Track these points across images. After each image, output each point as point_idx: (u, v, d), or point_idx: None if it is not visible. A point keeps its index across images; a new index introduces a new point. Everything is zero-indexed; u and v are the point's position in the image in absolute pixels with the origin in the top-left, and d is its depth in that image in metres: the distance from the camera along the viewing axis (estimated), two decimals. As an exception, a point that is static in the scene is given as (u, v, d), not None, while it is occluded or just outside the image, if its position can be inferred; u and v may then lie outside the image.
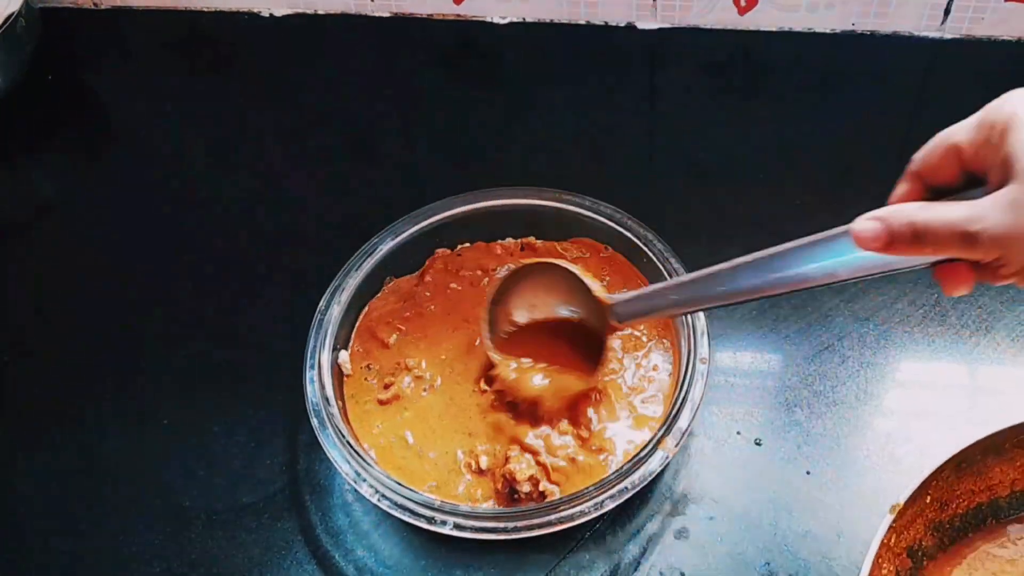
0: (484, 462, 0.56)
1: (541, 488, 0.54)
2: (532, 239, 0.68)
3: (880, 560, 0.46)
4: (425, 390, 0.60)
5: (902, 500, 0.47)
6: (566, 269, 0.56)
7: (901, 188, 0.43)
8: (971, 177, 0.39)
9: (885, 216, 0.40)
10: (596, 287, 0.55)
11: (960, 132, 0.41)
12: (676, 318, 0.59)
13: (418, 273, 0.66)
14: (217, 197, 0.79)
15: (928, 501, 0.49)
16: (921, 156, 0.42)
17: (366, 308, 0.64)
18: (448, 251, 0.67)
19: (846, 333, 0.64)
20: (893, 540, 0.48)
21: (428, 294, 0.64)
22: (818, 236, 0.44)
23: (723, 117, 0.80)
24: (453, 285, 0.65)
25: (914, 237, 0.39)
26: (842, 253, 0.43)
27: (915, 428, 0.59)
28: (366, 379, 0.61)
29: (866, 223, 0.41)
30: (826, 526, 0.55)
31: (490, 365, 0.58)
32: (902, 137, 0.77)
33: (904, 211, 0.39)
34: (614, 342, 0.61)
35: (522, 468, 0.54)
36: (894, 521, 0.47)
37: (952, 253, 0.38)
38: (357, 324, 0.63)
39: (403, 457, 0.57)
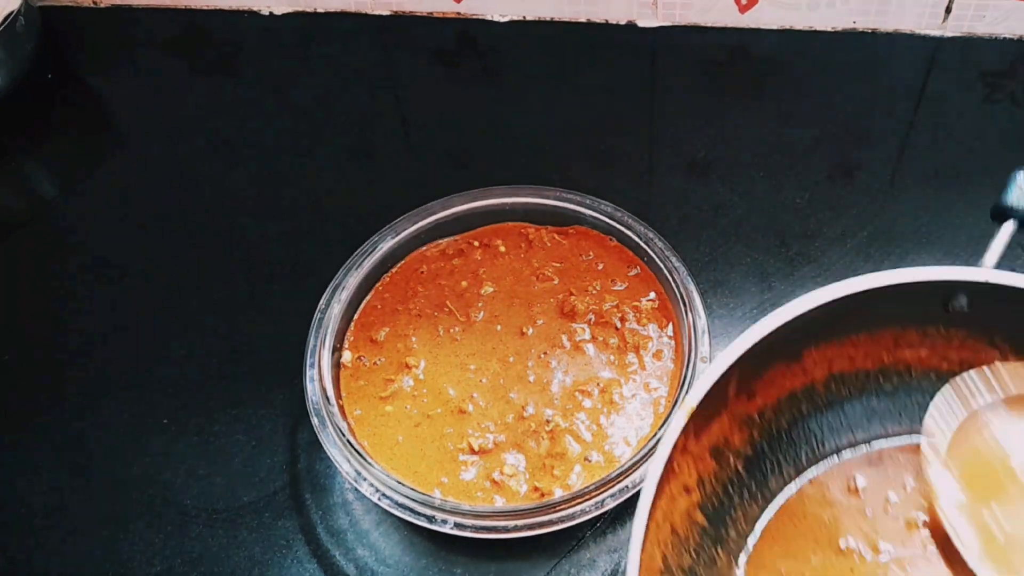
0: (476, 444, 0.56)
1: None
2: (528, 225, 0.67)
3: (675, 464, 0.40)
4: (425, 389, 0.60)
5: (695, 402, 0.41)
6: None
7: None
8: None
9: None
10: None
11: None
12: (674, 307, 0.60)
13: (402, 269, 0.66)
14: (217, 196, 0.79)
15: (731, 392, 0.43)
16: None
17: (362, 306, 0.64)
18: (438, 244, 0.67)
19: (847, 332, 0.64)
20: (691, 443, 0.42)
21: (421, 289, 0.64)
22: None
23: (724, 115, 0.80)
24: (443, 282, 0.65)
25: None
26: None
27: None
28: (366, 378, 0.61)
29: None
30: (827, 525, 0.55)
31: None
32: (903, 136, 0.77)
33: None
34: (611, 339, 0.61)
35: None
36: (688, 420, 0.40)
37: None
38: (353, 322, 0.63)
39: (404, 455, 0.57)
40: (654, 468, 0.39)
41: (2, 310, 0.73)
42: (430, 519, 0.52)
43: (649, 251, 0.62)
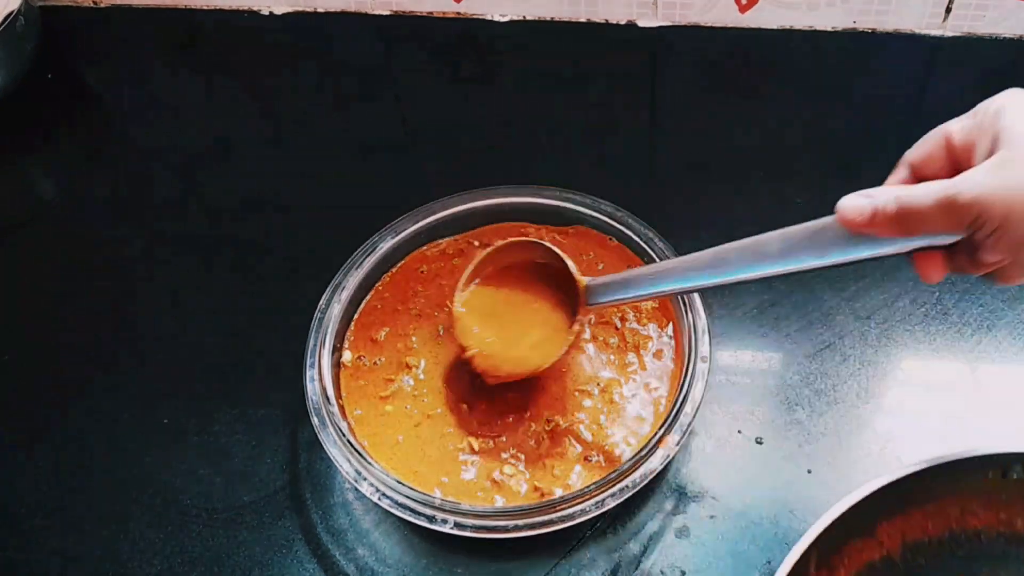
0: (476, 444, 0.56)
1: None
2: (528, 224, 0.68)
3: None
4: (425, 389, 0.60)
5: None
6: (545, 247, 0.57)
7: (893, 177, 0.44)
8: (960, 171, 0.39)
9: (871, 192, 0.41)
10: (573, 266, 0.56)
11: (953, 123, 0.42)
12: (674, 307, 0.60)
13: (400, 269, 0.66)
14: (217, 195, 0.79)
15: (811, 570, 0.48)
16: (915, 147, 0.43)
17: (362, 306, 0.64)
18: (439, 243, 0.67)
19: (847, 331, 0.64)
20: None
21: (421, 288, 0.64)
22: (806, 224, 0.45)
23: (724, 115, 0.80)
24: (443, 282, 0.65)
25: (898, 214, 0.39)
26: (826, 236, 0.44)
27: (916, 426, 0.59)
28: (366, 377, 0.61)
29: (852, 199, 0.41)
30: (827, 525, 0.55)
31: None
32: (903, 135, 0.76)
33: (889, 189, 0.40)
34: (611, 338, 0.61)
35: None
36: None
37: (935, 229, 0.39)
38: (354, 322, 0.63)
39: (404, 455, 0.57)
40: None
41: (2, 310, 0.73)
42: (430, 519, 0.52)
43: (649, 251, 0.62)
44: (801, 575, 0.46)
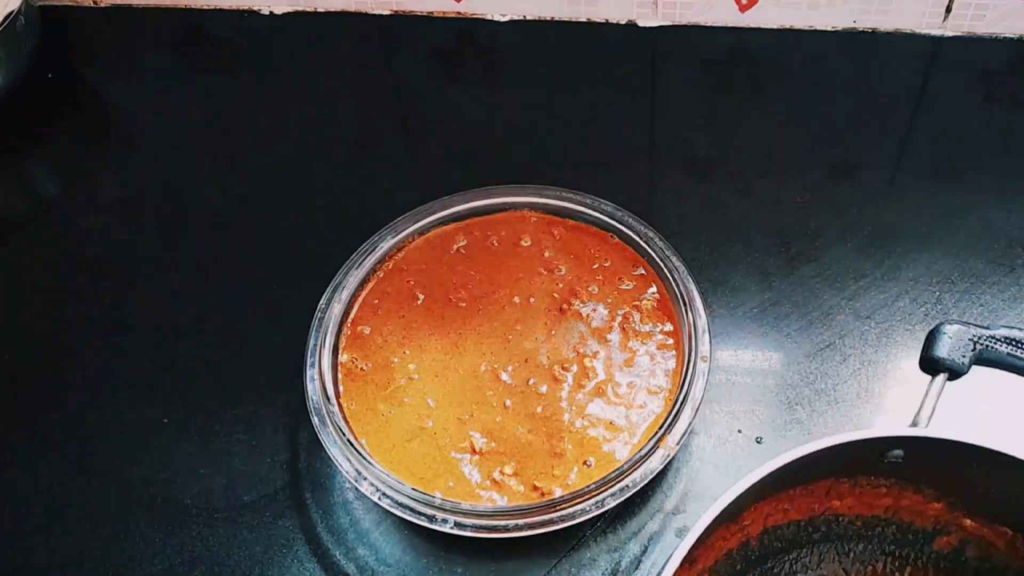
0: (477, 444, 0.56)
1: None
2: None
3: None
4: (425, 387, 0.60)
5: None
6: None
7: None
8: None
9: None
10: None
11: None
12: (675, 306, 0.60)
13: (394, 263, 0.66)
14: (217, 195, 0.79)
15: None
16: None
17: (359, 304, 0.64)
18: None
19: (847, 331, 0.64)
20: None
21: (411, 283, 0.64)
22: None
23: (724, 115, 0.80)
24: (444, 278, 0.65)
25: None
26: None
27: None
28: (367, 377, 0.61)
29: None
30: (827, 524, 0.55)
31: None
32: (903, 135, 0.77)
33: None
34: (611, 336, 0.61)
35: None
36: None
37: None
38: (349, 321, 0.63)
39: (404, 454, 0.57)
40: None
41: (2, 310, 0.73)
42: (430, 518, 0.52)
43: (649, 251, 0.62)
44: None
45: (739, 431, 0.60)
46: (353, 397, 0.59)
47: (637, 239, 0.63)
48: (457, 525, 0.52)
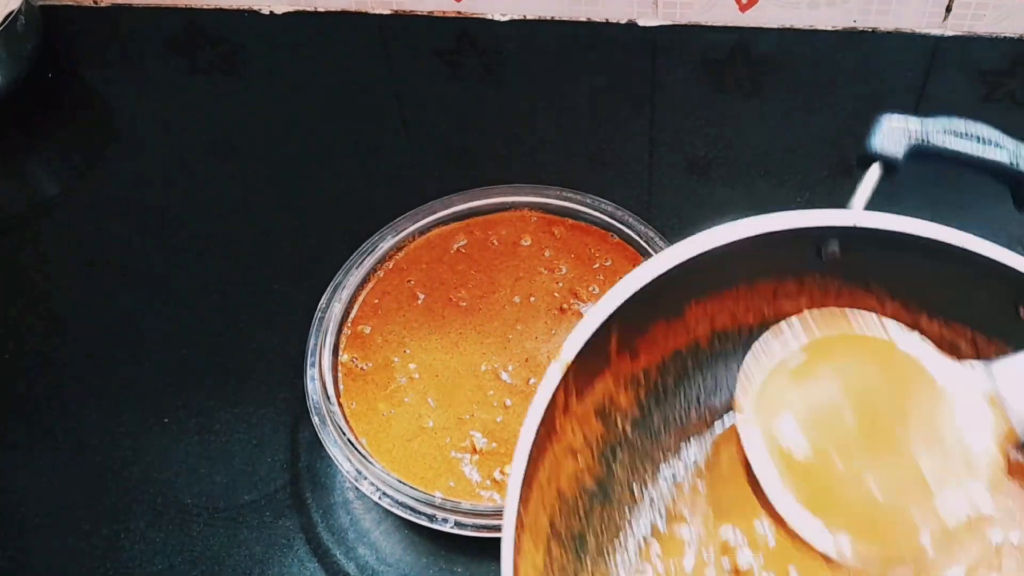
0: (477, 443, 0.56)
1: None
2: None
3: (558, 424, 0.38)
4: (426, 387, 0.60)
5: (570, 355, 0.38)
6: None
7: None
8: None
9: None
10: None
11: None
12: None
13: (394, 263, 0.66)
14: (217, 195, 0.79)
15: (613, 350, 0.41)
16: None
17: (359, 303, 0.64)
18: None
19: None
20: (573, 403, 0.39)
21: (411, 282, 0.64)
22: None
23: (724, 114, 0.80)
24: (444, 276, 0.65)
25: None
26: None
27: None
28: (367, 376, 0.61)
29: None
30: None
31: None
32: (903, 134, 0.76)
33: None
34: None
35: None
36: (565, 374, 0.37)
37: None
38: (349, 321, 0.63)
39: (404, 454, 0.57)
40: (529, 424, 0.37)
41: (2, 309, 0.73)
42: (430, 518, 0.52)
43: (650, 250, 0.62)
44: (601, 354, 0.41)
45: (739, 430, 0.59)
46: (353, 397, 0.59)
47: (637, 238, 0.63)
48: (457, 525, 0.52)
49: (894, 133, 0.46)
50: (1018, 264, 0.40)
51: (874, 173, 0.46)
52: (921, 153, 0.46)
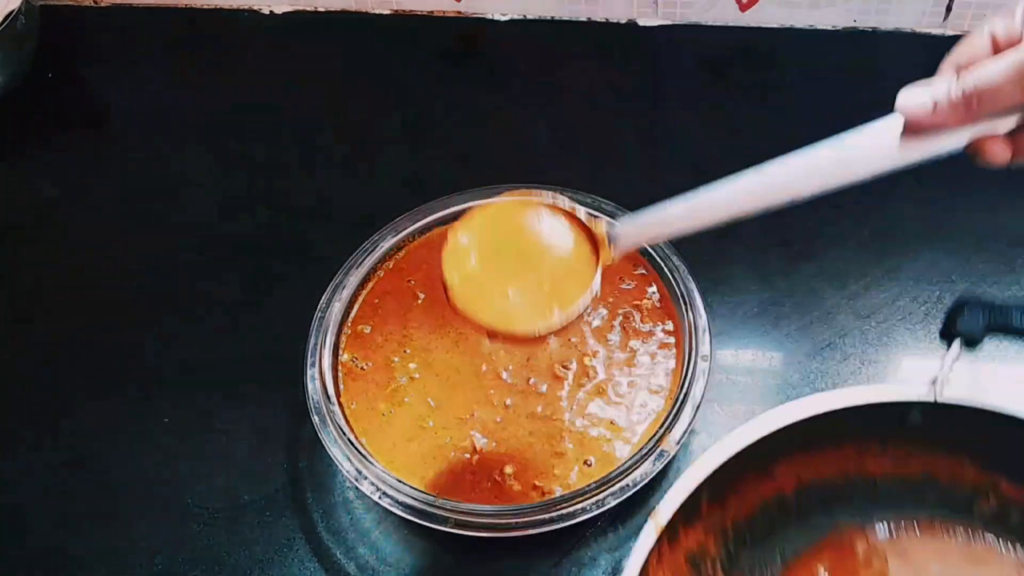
0: (477, 443, 0.56)
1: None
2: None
3: (649, 573, 0.43)
4: (426, 387, 0.60)
5: (666, 518, 0.44)
6: (545, 205, 0.50)
7: (939, 81, 0.40)
8: None
9: (928, 81, 0.38)
10: (582, 212, 0.50)
11: (994, 20, 0.39)
12: (675, 305, 0.60)
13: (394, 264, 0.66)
14: (217, 195, 0.79)
15: (703, 505, 0.47)
16: (956, 49, 0.40)
17: (359, 303, 0.64)
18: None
19: (848, 330, 0.64)
20: (666, 553, 0.45)
21: (411, 282, 0.64)
22: (856, 130, 0.44)
23: (724, 114, 0.80)
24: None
25: (966, 96, 0.37)
26: (881, 141, 0.43)
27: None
28: (367, 376, 0.61)
29: (912, 93, 0.39)
30: (828, 524, 0.55)
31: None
32: (904, 134, 0.76)
33: (947, 76, 0.38)
34: (611, 336, 0.61)
35: None
36: (660, 533, 0.43)
37: (1008, 102, 0.37)
38: (349, 321, 0.63)
39: (405, 454, 0.57)
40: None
41: (2, 309, 0.73)
42: (431, 518, 0.52)
43: (650, 250, 0.62)
44: (693, 509, 0.46)
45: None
46: (354, 396, 0.59)
47: (637, 238, 0.63)
48: (457, 524, 0.52)
49: (974, 315, 0.54)
50: None
51: (955, 349, 0.51)
52: (997, 327, 0.54)
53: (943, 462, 0.50)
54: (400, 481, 0.53)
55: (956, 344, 0.51)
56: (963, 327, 0.52)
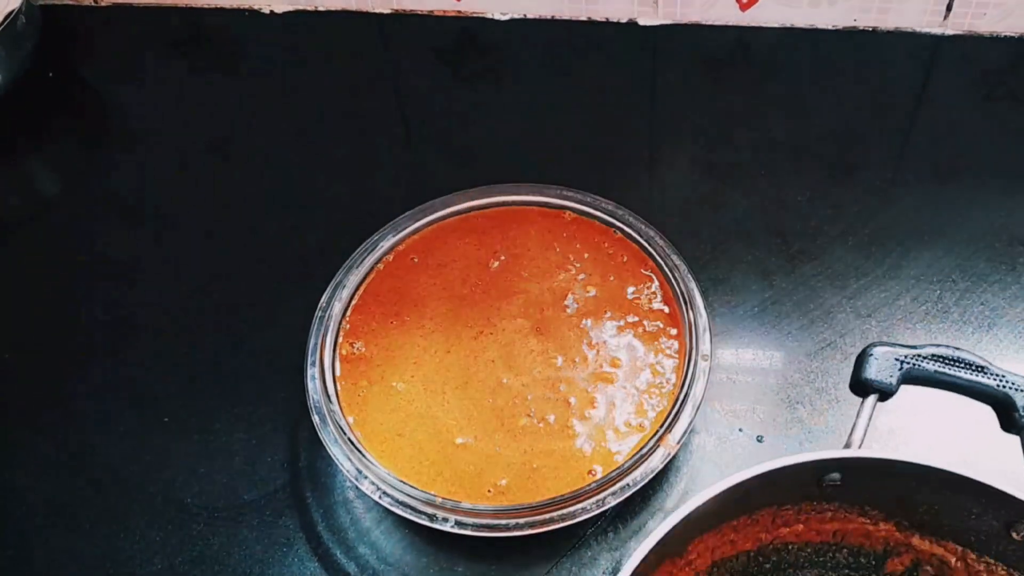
0: (480, 442, 0.56)
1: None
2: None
3: None
4: (426, 386, 0.60)
5: None
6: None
7: None
8: None
9: None
10: None
11: None
12: (676, 305, 0.60)
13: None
14: (217, 195, 0.79)
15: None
16: None
17: (355, 301, 0.63)
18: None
19: (848, 330, 0.64)
20: None
21: (418, 280, 0.64)
22: None
23: (724, 113, 0.80)
24: (443, 271, 0.65)
25: None
26: None
27: (918, 425, 0.59)
28: (368, 376, 0.61)
29: None
30: (828, 523, 0.55)
31: None
32: (904, 134, 0.76)
33: None
34: (611, 337, 0.61)
35: None
36: None
37: None
38: (348, 319, 0.63)
39: (405, 453, 0.57)
40: None
41: (2, 309, 0.73)
42: (431, 517, 0.52)
43: (650, 249, 0.62)
44: None
45: (740, 430, 0.59)
46: (354, 395, 0.59)
47: (638, 237, 0.63)
48: (458, 524, 0.52)
49: (885, 363, 0.50)
50: (1009, 490, 0.44)
51: (870, 403, 0.50)
52: (911, 379, 0.50)
53: (855, 522, 0.50)
54: (400, 480, 0.53)
55: (871, 399, 0.50)
56: (877, 378, 0.50)
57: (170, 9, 0.94)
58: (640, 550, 0.43)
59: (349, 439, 0.54)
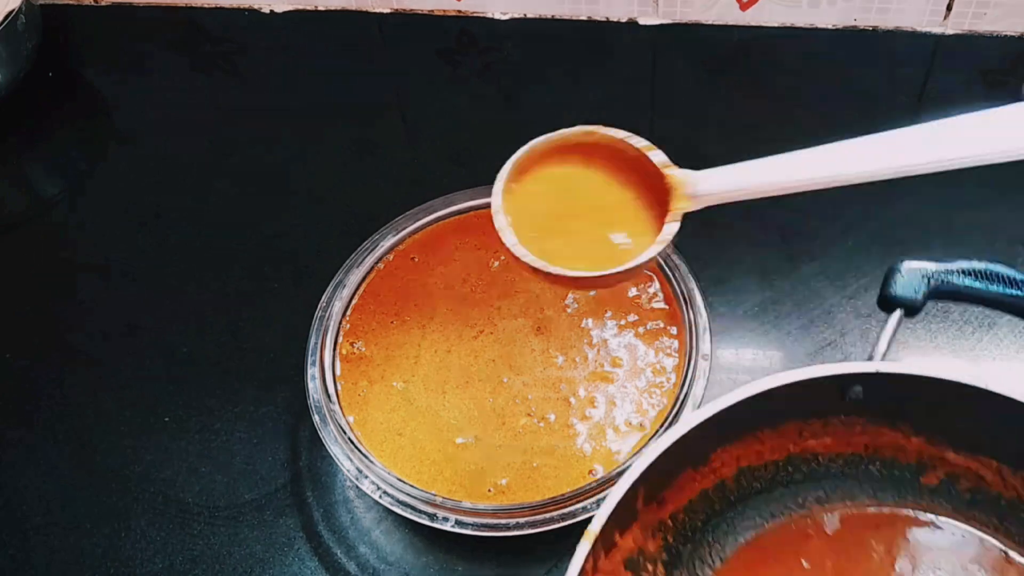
0: (481, 441, 0.56)
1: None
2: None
3: None
4: (427, 386, 0.60)
5: (597, 528, 0.42)
6: (610, 138, 0.50)
7: None
8: None
9: None
10: (658, 157, 0.48)
11: None
12: (676, 305, 0.59)
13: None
14: (217, 194, 0.79)
15: (639, 505, 0.45)
16: None
17: (355, 300, 0.63)
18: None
19: (848, 329, 0.64)
20: (602, 562, 0.43)
21: (417, 279, 0.64)
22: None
23: (724, 113, 0.80)
24: (443, 269, 0.64)
25: None
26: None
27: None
28: (368, 375, 0.61)
29: None
30: (829, 523, 0.55)
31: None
32: (904, 133, 0.76)
33: None
34: (611, 336, 0.61)
35: None
36: (594, 543, 0.41)
37: None
38: (348, 318, 0.63)
39: (405, 452, 0.57)
40: None
41: (2, 309, 0.73)
42: (431, 517, 0.52)
43: (650, 249, 0.62)
44: (627, 512, 0.44)
45: (740, 429, 0.59)
46: (354, 395, 0.59)
47: (638, 237, 0.63)
48: (458, 523, 0.52)
49: (912, 278, 0.49)
50: None
51: (895, 318, 0.49)
52: (940, 294, 0.49)
53: (886, 435, 0.48)
54: (401, 480, 0.53)
55: (896, 314, 0.48)
56: (901, 293, 0.49)
57: (170, 9, 0.94)
58: (651, 451, 0.42)
59: (349, 439, 0.54)
